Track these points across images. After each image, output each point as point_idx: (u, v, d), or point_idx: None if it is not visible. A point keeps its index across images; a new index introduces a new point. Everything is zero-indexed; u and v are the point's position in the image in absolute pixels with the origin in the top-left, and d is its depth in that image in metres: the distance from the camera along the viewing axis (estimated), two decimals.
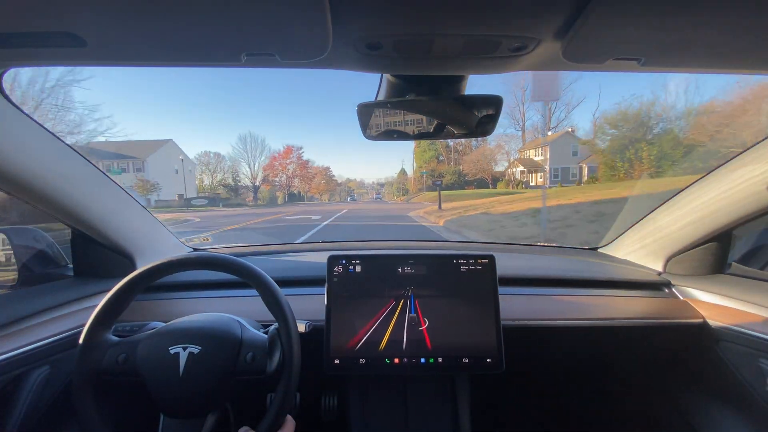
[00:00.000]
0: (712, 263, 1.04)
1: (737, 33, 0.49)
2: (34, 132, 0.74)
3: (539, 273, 1.13)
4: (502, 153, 39.99)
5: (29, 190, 0.76)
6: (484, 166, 39.32)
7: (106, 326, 0.67)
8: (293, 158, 50.38)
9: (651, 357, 1.10)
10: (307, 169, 53.06)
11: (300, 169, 51.77)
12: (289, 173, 50.26)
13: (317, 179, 57.95)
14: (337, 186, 67.82)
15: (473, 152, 40.76)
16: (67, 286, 0.93)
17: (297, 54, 0.56)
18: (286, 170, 49.99)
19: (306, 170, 52.79)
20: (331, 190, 62.55)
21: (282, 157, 49.61)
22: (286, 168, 49.74)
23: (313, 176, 55.42)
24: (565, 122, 37.24)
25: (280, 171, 49.24)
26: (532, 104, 37.99)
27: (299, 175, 52.11)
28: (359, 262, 0.90)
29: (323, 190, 59.55)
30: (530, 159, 35.84)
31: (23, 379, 0.73)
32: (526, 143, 37.92)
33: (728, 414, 0.92)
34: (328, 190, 61.10)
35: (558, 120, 37.55)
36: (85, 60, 0.60)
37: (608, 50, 0.55)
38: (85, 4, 0.44)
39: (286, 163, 49.77)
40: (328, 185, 61.32)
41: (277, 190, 49.71)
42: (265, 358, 0.66)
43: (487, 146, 40.07)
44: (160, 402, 0.64)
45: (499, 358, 0.84)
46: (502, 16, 0.49)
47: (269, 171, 48.01)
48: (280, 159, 49.17)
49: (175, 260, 0.68)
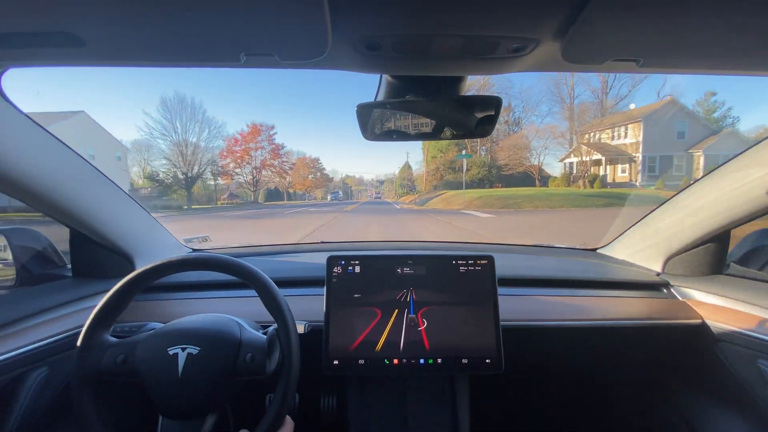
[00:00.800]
0: (711, 264, 1.04)
1: (735, 34, 0.50)
2: (33, 132, 0.74)
3: (538, 274, 1.13)
4: (557, 137, 27.98)
5: (28, 190, 0.76)
6: (524, 155, 28.19)
7: (104, 327, 0.67)
8: (262, 141, 36.01)
9: (650, 358, 1.10)
10: (282, 157, 38.32)
11: (273, 156, 37.07)
12: (257, 162, 35.77)
13: (301, 171, 46.38)
14: (328, 182, 56.16)
15: (511, 136, 30.27)
16: (66, 287, 0.93)
17: (296, 54, 0.56)
18: (250, 158, 35.30)
19: (280, 158, 38.15)
20: (321, 187, 51.55)
21: (247, 140, 35.00)
22: (248, 154, 35.10)
23: (291, 167, 42.18)
24: (625, 101, 26.09)
25: (244, 158, 34.93)
26: (581, 77, 26.84)
27: (271, 165, 37.24)
28: (358, 263, 0.90)
29: (310, 186, 48.28)
30: (606, 145, 24.08)
31: (22, 380, 0.73)
32: (595, 120, 26.36)
33: (727, 414, 0.92)
34: (317, 186, 50.11)
35: (618, 96, 26.36)
36: (83, 60, 0.60)
37: (607, 51, 0.55)
38: (84, 5, 0.44)
39: (252, 148, 35.71)
40: (318, 180, 49.80)
41: (240, 186, 36.56)
42: (264, 358, 0.66)
43: (534, 127, 29.90)
44: (158, 403, 0.64)
45: (498, 358, 0.84)
46: (501, 17, 0.49)
47: (231, 157, 34.15)
48: (243, 142, 34.79)
49: (174, 261, 0.68)
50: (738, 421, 0.89)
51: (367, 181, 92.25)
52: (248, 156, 35.18)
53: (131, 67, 0.62)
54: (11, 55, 0.58)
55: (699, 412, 0.99)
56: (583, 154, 24.21)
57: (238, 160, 34.49)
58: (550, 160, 29.95)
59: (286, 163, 40.00)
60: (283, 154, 38.79)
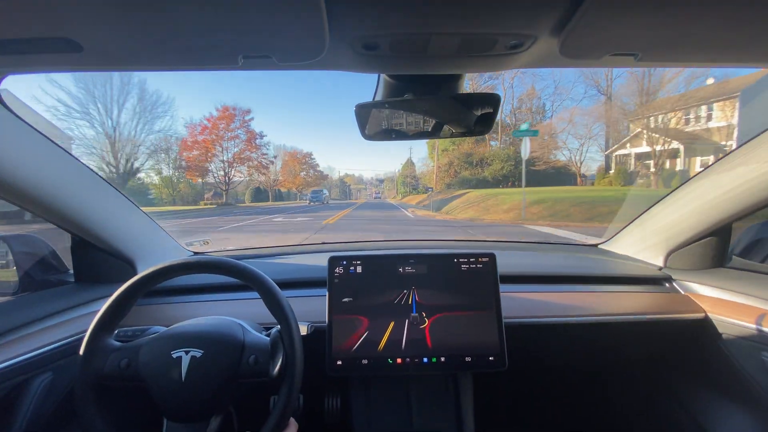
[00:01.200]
0: (713, 257, 1.04)
1: (733, 27, 0.49)
2: (33, 139, 0.74)
3: (540, 270, 1.13)
4: (602, 120, 21.31)
5: (28, 197, 0.76)
6: (558, 147, 21.91)
7: (107, 331, 0.67)
8: (237, 129, 28.78)
9: (653, 352, 1.10)
10: (261, 149, 31.07)
11: (249, 146, 29.87)
12: (229, 155, 28.65)
13: (291, 167, 40.57)
14: (321, 179, 50.24)
15: (543, 124, 23.85)
16: (69, 292, 0.93)
17: (294, 55, 0.56)
18: (221, 150, 27.97)
19: (259, 149, 30.83)
20: (314, 185, 44.01)
21: (216, 127, 27.43)
22: (217, 145, 27.72)
23: (272, 162, 35.01)
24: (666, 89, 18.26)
25: (212, 150, 27.28)
26: None
27: (248, 158, 30.09)
28: (360, 263, 0.90)
29: (301, 184, 42.17)
30: (683, 131, 17.21)
31: (26, 386, 0.73)
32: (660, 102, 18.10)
33: (731, 408, 0.92)
34: (309, 184, 43.39)
35: (662, 80, 18.24)
36: (81, 65, 0.60)
37: (604, 46, 0.55)
38: (81, 10, 0.44)
39: (224, 137, 28.30)
40: (310, 178, 44.30)
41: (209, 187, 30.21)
42: (267, 360, 0.66)
43: (570, 112, 23.46)
44: (163, 406, 0.64)
45: (502, 356, 0.84)
46: (498, 14, 0.49)
47: (197, 149, 26.47)
48: (211, 130, 27.25)
49: (176, 264, 0.68)
50: (742, 414, 0.89)
51: (367, 180, 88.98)
52: (219, 147, 27.79)
53: (129, 71, 0.62)
54: (9, 62, 0.58)
55: (702, 405, 0.98)
56: (651, 142, 17.16)
57: (206, 152, 26.90)
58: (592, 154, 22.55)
59: (266, 156, 32.75)
60: (262, 145, 31.28)
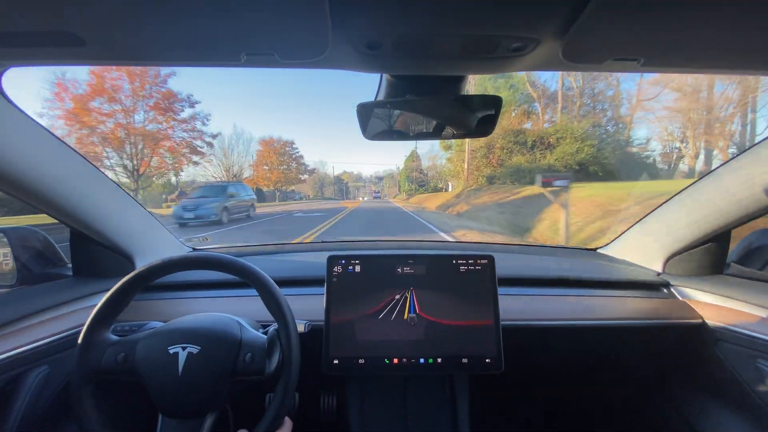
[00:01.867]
0: (711, 264, 1.04)
1: (737, 33, 0.49)
2: (34, 131, 0.74)
3: (539, 273, 1.13)
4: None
5: (28, 189, 0.76)
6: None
7: (105, 326, 0.67)
8: (146, 87, 17.73)
9: (650, 357, 1.10)
10: (188, 122, 20.10)
11: (161, 113, 18.75)
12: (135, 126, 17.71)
13: (268, 160, 31.89)
14: (304, 173, 38.86)
15: None
16: (66, 286, 0.93)
17: (296, 54, 0.56)
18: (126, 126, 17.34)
19: (187, 124, 20.03)
20: (292, 181, 35.12)
21: (101, 87, 16.30)
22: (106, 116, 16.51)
23: (209, 142, 21.73)
24: None
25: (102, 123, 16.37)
26: None
27: (166, 137, 19.12)
28: (359, 262, 0.90)
29: (279, 180, 33.09)
30: None
31: (22, 379, 0.73)
32: None
33: (727, 414, 0.92)
34: (290, 180, 35.12)
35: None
36: (83, 59, 0.60)
37: (607, 51, 0.55)
38: (84, 4, 0.44)
39: (124, 105, 17.27)
40: (291, 172, 35.04)
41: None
42: (264, 358, 0.66)
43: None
44: (158, 402, 0.64)
45: (499, 358, 0.84)
46: (501, 17, 0.49)
47: (75, 121, 15.62)
48: (91, 93, 15.99)
49: (175, 260, 0.68)
50: (737, 421, 0.89)
51: (366, 177, 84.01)
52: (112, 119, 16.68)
53: (131, 65, 0.62)
54: (12, 54, 0.58)
55: (699, 411, 0.99)
56: None
57: (89, 126, 16.03)
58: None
59: (200, 135, 20.66)
60: (194, 118, 19.70)
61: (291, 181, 34.49)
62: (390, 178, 57.80)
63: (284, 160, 34.69)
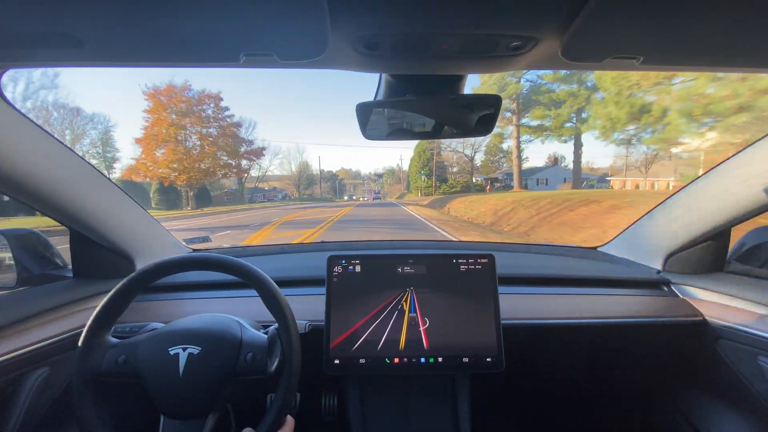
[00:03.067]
0: (711, 261, 1.04)
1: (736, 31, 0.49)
2: (33, 133, 0.74)
3: (539, 272, 1.13)
4: None
5: (28, 191, 0.76)
6: None
7: (105, 327, 0.67)
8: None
9: (650, 355, 1.10)
10: None
11: None
12: None
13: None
14: (253, 154, 26.89)
15: None
16: (67, 288, 0.93)
17: (295, 54, 0.56)
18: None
19: None
20: (224, 171, 23.37)
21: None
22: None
23: None
24: None
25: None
26: None
27: None
28: (359, 262, 0.90)
29: (175, 162, 20.12)
30: None
31: (23, 381, 0.73)
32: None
33: (727, 412, 0.92)
34: (217, 166, 22.27)
35: None
36: (83, 61, 0.60)
37: (607, 49, 0.55)
38: (83, 5, 0.44)
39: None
40: (210, 149, 21.50)
41: None
42: (264, 358, 0.66)
43: None
44: (160, 403, 0.64)
45: (499, 357, 0.84)
46: (500, 16, 0.49)
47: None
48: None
49: (175, 261, 0.68)
50: (738, 418, 0.89)
51: (365, 175, 78.67)
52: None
53: (131, 67, 0.62)
54: (11, 56, 0.58)
55: (700, 409, 0.99)
56: None
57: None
58: None
59: None
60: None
61: (218, 167, 18.84)
62: (390, 175, 47.51)
63: (197, 123, 19.29)
